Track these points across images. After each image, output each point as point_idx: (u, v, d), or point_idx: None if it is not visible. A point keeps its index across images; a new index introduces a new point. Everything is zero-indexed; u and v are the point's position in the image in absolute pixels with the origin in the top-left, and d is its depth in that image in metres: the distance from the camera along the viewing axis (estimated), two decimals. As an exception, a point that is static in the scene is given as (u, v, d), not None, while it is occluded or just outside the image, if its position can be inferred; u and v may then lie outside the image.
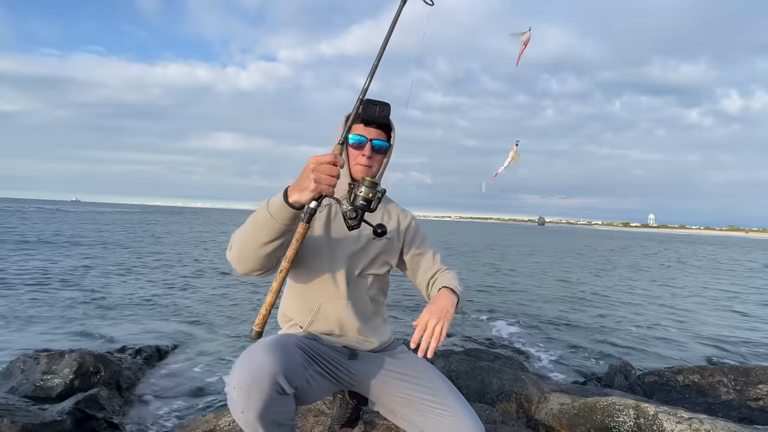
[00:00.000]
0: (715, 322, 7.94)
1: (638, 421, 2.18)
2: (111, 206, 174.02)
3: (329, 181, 1.06)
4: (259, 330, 1.15)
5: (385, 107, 1.37)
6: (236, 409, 1.14)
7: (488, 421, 2.19)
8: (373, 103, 1.36)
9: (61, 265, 10.79)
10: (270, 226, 1.12)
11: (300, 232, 1.13)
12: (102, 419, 2.88)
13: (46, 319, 5.95)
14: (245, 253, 1.18)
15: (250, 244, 1.16)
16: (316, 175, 1.05)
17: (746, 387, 3.38)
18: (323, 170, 1.06)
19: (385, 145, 1.43)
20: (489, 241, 36.73)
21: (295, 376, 1.19)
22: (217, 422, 2.07)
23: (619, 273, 15.53)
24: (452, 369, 3.19)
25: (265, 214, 1.12)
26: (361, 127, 1.40)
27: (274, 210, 1.11)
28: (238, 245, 1.20)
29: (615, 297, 10.20)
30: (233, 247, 1.22)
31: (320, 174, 1.05)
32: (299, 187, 1.08)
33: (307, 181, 1.06)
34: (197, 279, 10.06)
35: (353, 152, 1.41)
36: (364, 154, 1.39)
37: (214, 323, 6.15)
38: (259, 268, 1.21)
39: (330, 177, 1.06)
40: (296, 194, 1.08)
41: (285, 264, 1.14)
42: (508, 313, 7.79)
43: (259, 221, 1.13)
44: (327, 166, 1.06)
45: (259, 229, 1.14)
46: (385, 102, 1.38)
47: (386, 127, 1.44)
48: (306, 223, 1.12)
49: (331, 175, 1.06)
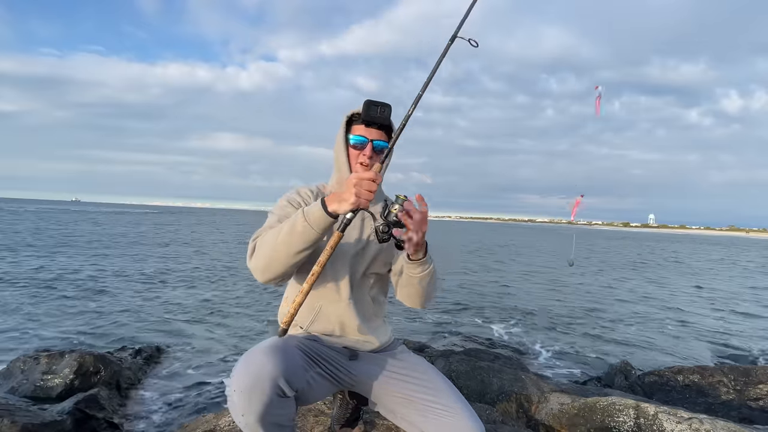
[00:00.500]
0: (715, 322, 7.95)
1: (638, 421, 2.18)
2: (111, 206, 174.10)
3: (368, 196, 1.14)
4: (286, 328, 1.18)
5: (386, 108, 1.38)
6: (237, 412, 1.14)
7: (488, 421, 2.19)
8: (374, 104, 1.37)
9: (61, 265, 10.79)
10: (307, 234, 1.19)
11: (335, 240, 1.19)
12: (102, 419, 2.88)
13: (46, 319, 5.96)
14: (276, 261, 1.23)
15: (283, 252, 1.22)
16: (357, 189, 1.13)
17: (746, 387, 3.38)
18: (364, 185, 1.14)
19: (386, 145, 1.44)
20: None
21: (295, 379, 1.19)
22: (217, 422, 2.07)
23: (618, 273, 15.54)
24: (452, 369, 3.19)
25: (303, 223, 1.18)
26: (362, 128, 1.41)
27: (313, 219, 1.18)
28: (267, 253, 1.24)
29: (615, 297, 10.20)
30: (260, 256, 1.26)
31: (361, 189, 1.14)
32: (339, 198, 1.16)
33: (348, 194, 1.14)
34: (197, 279, 10.06)
35: (354, 153, 1.43)
36: (365, 154, 1.41)
37: (214, 323, 6.15)
38: (283, 276, 1.28)
39: (369, 192, 1.14)
40: (335, 204, 1.16)
41: (317, 268, 1.18)
42: (508, 314, 7.79)
43: (297, 230, 1.19)
44: (368, 182, 1.14)
45: (296, 238, 1.20)
46: (386, 103, 1.38)
47: (387, 128, 1.45)
48: (341, 233, 1.18)
49: (370, 190, 1.14)
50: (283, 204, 1.42)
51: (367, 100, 1.36)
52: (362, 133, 1.41)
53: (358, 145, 1.42)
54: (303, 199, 1.44)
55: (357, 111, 1.42)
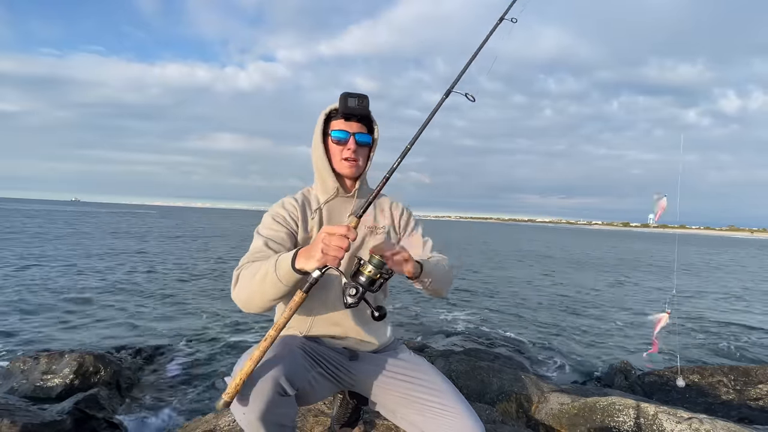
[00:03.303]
0: (715, 322, 7.94)
1: (638, 421, 2.18)
2: (110, 206, 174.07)
3: (336, 253, 1.04)
4: (228, 401, 1.09)
5: (364, 99, 1.33)
6: (238, 410, 1.14)
7: (488, 421, 2.19)
8: (352, 96, 1.31)
9: (61, 266, 10.79)
10: (278, 287, 1.13)
11: (296, 301, 1.12)
12: (102, 419, 2.88)
13: (46, 319, 5.96)
14: (253, 301, 1.20)
15: (258, 296, 1.18)
16: (324, 246, 1.04)
17: (746, 387, 3.38)
18: (333, 241, 1.04)
19: (368, 139, 1.41)
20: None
21: (296, 378, 1.19)
22: (217, 422, 2.07)
23: (618, 273, 15.54)
24: (452, 369, 3.19)
25: (273, 277, 1.13)
26: (341, 122, 1.37)
27: (282, 274, 1.11)
28: (246, 292, 1.20)
29: (615, 297, 10.20)
30: (240, 291, 1.22)
31: (329, 245, 1.04)
32: (307, 254, 1.09)
33: (315, 251, 1.06)
34: (197, 279, 10.06)
35: (336, 149, 1.39)
36: (349, 148, 1.37)
37: (214, 323, 6.15)
38: (264, 311, 1.25)
39: (338, 249, 1.04)
40: (302, 261, 1.09)
41: (272, 332, 1.12)
42: (507, 314, 7.79)
43: (268, 281, 1.14)
44: (337, 238, 1.04)
45: (267, 288, 1.15)
46: (363, 94, 1.33)
47: (367, 120, 1.41)
48: (305, 293, 1.11)
49: (340, 246, 1.04)
50: (268, 223, 1.36)
51: (343, 93, 1.31)
52: (342, 127, 1.37)
53: (342, 140, 1.37)
54: (289, 213, 1.38)
55: (334, 107, 1.37)
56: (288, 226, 1.36)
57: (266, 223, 1.36)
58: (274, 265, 1.13)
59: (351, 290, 1.10)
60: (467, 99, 1.27)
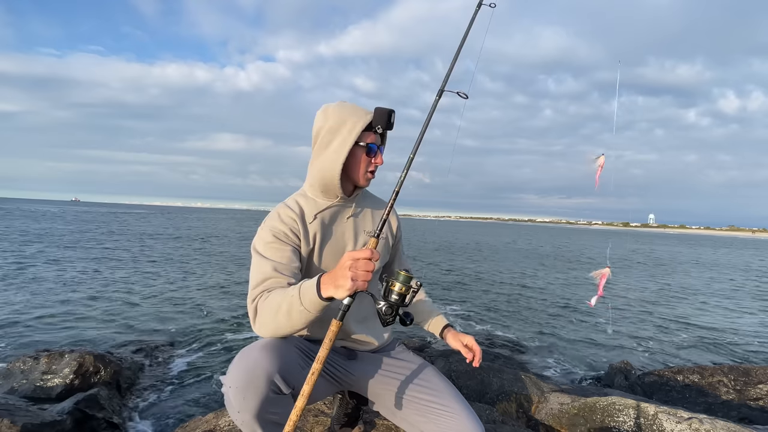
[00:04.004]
0: (715, 322, 7.94)
1: (638, 421, 2.18)
2: (110, 206, 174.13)
3: (365, 277, 1.04)
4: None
5: (393, 115, 1.35)
6: (233, 409, 1.14)
7: (488, 421, 2.19)
8: (389, 112, 1.34)
9: (61, 265, 10.79)
10: (306, 316, 1.11)
11: (333, 330, 1.11)
12: (102, 419, 2.88)
13: (46, 318, 5.96)
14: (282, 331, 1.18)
15: (286, 329, 1.16)
16: (353, 272, 1.03)
17: (746, 387, 3.38)
18: (360, 267, 1.04)
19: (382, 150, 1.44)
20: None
21: (292, 377, 1.19)
22: (217, 422, 2.07)
23: (618, 273, 15.53)
24: (452, 369, 3.19)
25: (300, 309, 1.10)
26: (373, 135, 1.37)
27: (308, 303, 1.09)
28: (271, 328, 1.18)
29: (614, 297, 10.20)
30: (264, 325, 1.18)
31: (357, 271, 1.03)
32: (334, 283, 1.06)
33: (343, 279, 1.04)
34: (197, 279, 10.06)
35: (365, 160, 1.37)
36: (377, 163, 1.39)
37: (214, 323, 6.15)
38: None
39: (366, 273, 1.04)
40: (331, 290, 1.07)
41: (313, 376, 1.12)
42: (507, 314, 7.79)
43: (295, 314, 1.12)
44: (363, 262, 1.04)
45: (295, 320, 1.13)
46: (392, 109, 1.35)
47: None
48: (340, 321, 1.11)
49: (367, 270, 1.04)
50: (269, 241, 1.29)
51: (381, 108, 1.32)
52: (375, 141, 1.37)
53: (374, 153, 1.38)
54: (290, 228, 1.32)
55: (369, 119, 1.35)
56: (292, 243, 1.31)
57: (268, 241, 1.30)
58: (299, 297, 1.10)
59: (386, 309, 1.12)
60: (459, 96, 1.25)
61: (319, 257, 1.37)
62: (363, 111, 1.35)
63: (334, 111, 1.36)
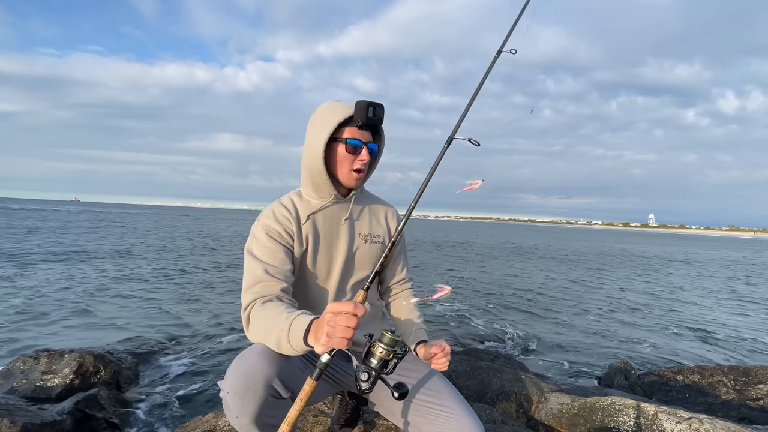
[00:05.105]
0: (715, 322, 7.94)
1: (638, 421, 2.18)
2: (110, 206, 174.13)
3: (345, 334, 0.94)
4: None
5: (382, 109, 1.27)
6: (231, 414, 1.13)
7: (488, 421, 2.19)
8: (371, 105, 1.25)
9: (61, 265, 10.79)
10: (293, 353, 1.08)
11: (306, 390, 1.04)
12: (102, 419, 2.88)
13: (46, 319, 5.96)
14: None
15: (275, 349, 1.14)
16: (329, 328, 0.94)
17: (746, 387, 3.38)
18: (339, 322, 0.94)
19: (376, 148, 1.36)
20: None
21: (291, 380, 1.18)
22: (216, 422, 2.07)
23: (618, 273, 15.54)
24: (452, 369, 3.18)
25: (287, 346, 1.07)
26: (355, 130, 1.29)
27: (296, 344, 1.05)
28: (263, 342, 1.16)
29: (614, 297, 10.20)
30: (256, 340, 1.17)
31: (335, 327, 0.94)
32: (315, 334, 1.00)
33: (320, 333, 0.97)
34: (197, 279, 10.06)
35: (348, 158, 1.30)
36: (361, 159, 1.31)
37: (214, 323, 6.15)
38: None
39: (346, 329, 0.94)
40: (312, 339, 1.01)
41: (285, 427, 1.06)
42: (507, 313, 7.79)
43: (283, 347, 1.09)
44: (344, 317, 0.94)
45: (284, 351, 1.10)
46: (380, 103, 1.27)
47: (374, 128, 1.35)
48: (315, 381, 1.03)
49: (348, 326, 0.94)
50: (263, 240, 1.27)
51: (361, 101, 1.25)
52: (356, 136, 1.29)
53: (356, 150, 1.30)
54: (284, 227, 1.30)
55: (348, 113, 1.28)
56: (284, 243, 1.29)
57: (261, 241, 1.28)
58: (287, 335, 1.06)
59: (363, 375, 1.02)
60: (471, 144, 1.16)
61: (313, 260, 1.35)
62: (344, 105, 1.31)
63: (320, 108, 1.35)
